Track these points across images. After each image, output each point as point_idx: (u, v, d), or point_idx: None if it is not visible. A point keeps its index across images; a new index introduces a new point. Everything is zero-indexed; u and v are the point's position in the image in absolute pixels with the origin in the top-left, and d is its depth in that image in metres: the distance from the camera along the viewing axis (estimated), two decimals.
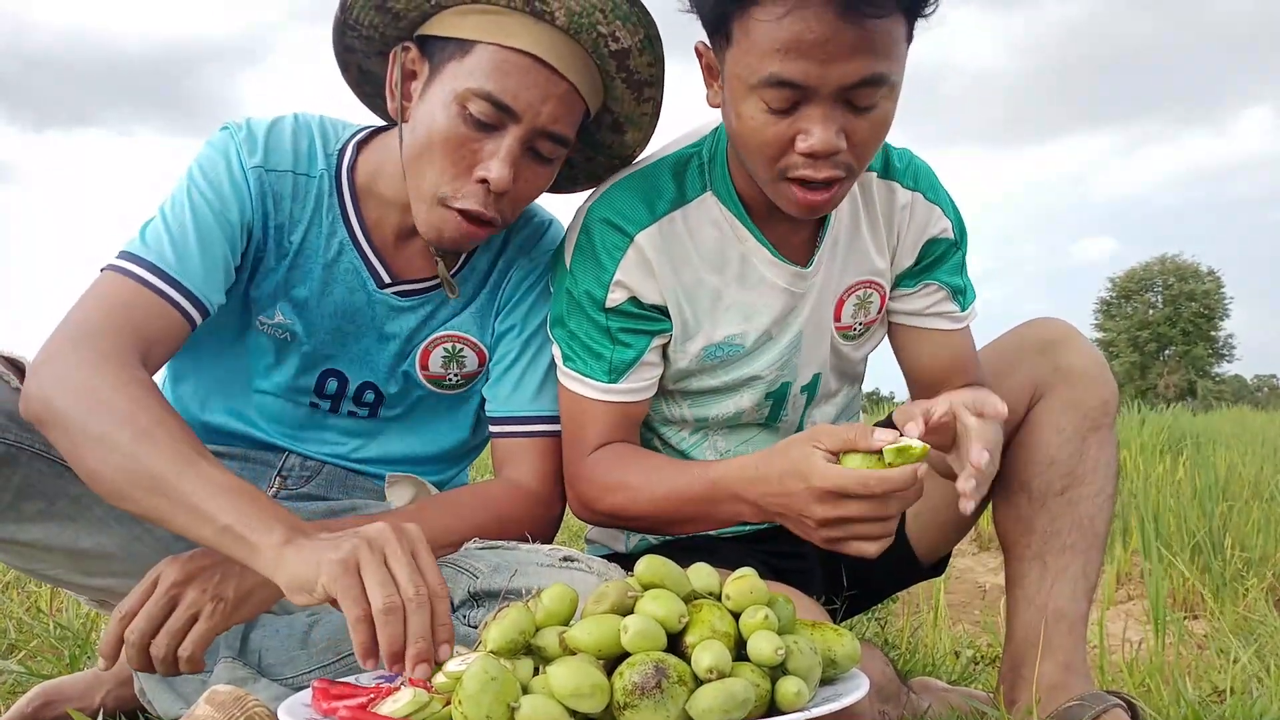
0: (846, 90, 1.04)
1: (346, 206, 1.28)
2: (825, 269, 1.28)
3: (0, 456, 1.07)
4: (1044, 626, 1.20)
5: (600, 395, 1.23)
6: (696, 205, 1.24)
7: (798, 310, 1.28)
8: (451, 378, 1.36)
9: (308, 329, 1.29)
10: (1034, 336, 1.32)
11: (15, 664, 1.46)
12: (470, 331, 1.34)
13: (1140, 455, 4.36)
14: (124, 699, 1.20)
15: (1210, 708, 1.30)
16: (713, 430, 1.35)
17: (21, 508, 1.10)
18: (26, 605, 1.89)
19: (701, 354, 1.27)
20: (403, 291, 1.31)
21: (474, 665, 0.76)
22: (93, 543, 1.16)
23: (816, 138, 1.05)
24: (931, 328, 1.32)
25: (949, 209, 1.32)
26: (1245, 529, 2.52)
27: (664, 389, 1.31)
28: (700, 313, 1.26)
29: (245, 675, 1.10)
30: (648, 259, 1.22)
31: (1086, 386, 1.25)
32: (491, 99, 1.13)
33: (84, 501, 1.13)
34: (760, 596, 0.87)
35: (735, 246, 1.25)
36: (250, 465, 1.35)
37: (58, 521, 1.13)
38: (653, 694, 0.76)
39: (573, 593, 0.88)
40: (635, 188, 1.25)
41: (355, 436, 1.38)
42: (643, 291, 1.22)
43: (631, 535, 1.39)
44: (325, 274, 1.28)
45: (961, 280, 1.33)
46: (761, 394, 1.31)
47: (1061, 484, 1.24)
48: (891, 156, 1.32)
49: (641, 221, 1.22)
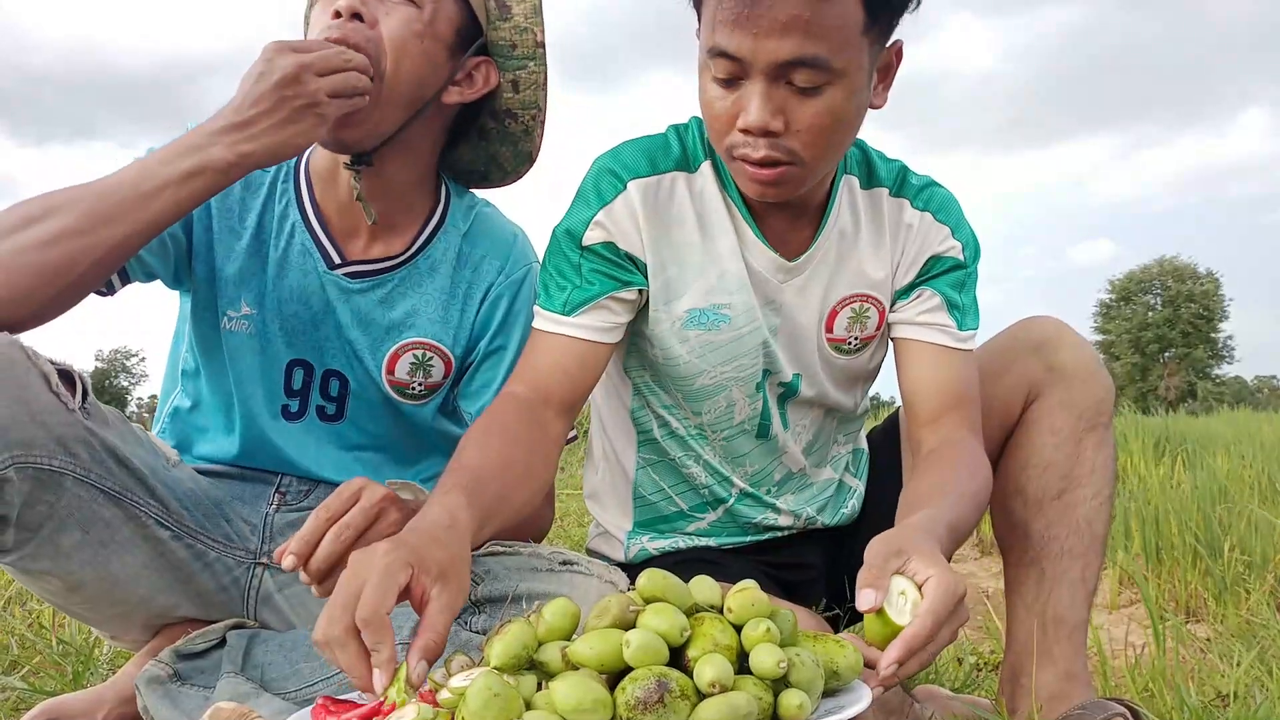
0: (781, 68, 1.05)
1: (301, 189, 1.31)
2: (815, 272, 1.28)
3: (45, 482, 1.06)
4: (1043, 633, 1.19)
5: (551, 327, 1.21)
6: (700, 175, 1.25)
7: (777, 304, 1.27)
8: (415, 386, 1.36)
9: (268, 317, 1.30)
10: (1026, 336, 1.30)
11: (18, 680, 1.45)
12: (442, 340, 1.35)
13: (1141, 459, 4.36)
14: (127, 716, 1.20)
15: (1213, 713, 1.30)
16: (709, 431, 1.34)
17: (60, 540, 1.10)
18: (29, 621, 1.88)
19: (686, 316, 1.25)
20: (354, 273, 1.31)
21: (477, 681, 0.76)
22: (119, 565, 1.17)
23: (750, 113, 1.07)
24: (925, 339, 1.27)
25: (962, 233, 1.30)
26: (1246, 532, 2.51)
27: (655, 377, 1.30)
28: (689, 274, 1.25)
29: (249, 690, 1.10)
30: (636, 209, 1.22)
31: (1081, 386, 1.24)
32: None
33: (114, 524, 1.14)
34: (762, 609, 0.87)
35: (729, 222, 1.25)
36: (249, 484, 1.36)
37: (91, 548, 1.14)
38: (655, 708, 0.76)
39: (574, 607, 0.89)
40: (643, 144, 1.26)
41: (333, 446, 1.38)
42: (621, 238, 1.22)
43: (630, 544, 1.39)
44: (281, 257, 1.30)
45: (961, 298, 1.28)
46: (751, 385, 1.30)
47: (1058, 487, 1.23)
48: (909, 178, 1.31)
49: (640, 171, 1.23)
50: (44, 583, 1.15)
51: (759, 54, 1.04)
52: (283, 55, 1.07)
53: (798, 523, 1.39)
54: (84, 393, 1.10)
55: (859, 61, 1.08)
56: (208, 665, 1.19)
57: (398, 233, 1.33)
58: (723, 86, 1.09)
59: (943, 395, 1.24)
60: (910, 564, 0.89)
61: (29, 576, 1.14)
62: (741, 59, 1.05)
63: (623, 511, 1.40)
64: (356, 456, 1.40)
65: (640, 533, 1.39)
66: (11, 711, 1.37)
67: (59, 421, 1.06)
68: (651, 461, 1.38)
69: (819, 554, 1.44)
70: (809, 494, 1.40)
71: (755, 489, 1.36)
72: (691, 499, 1.37)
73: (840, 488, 1.44)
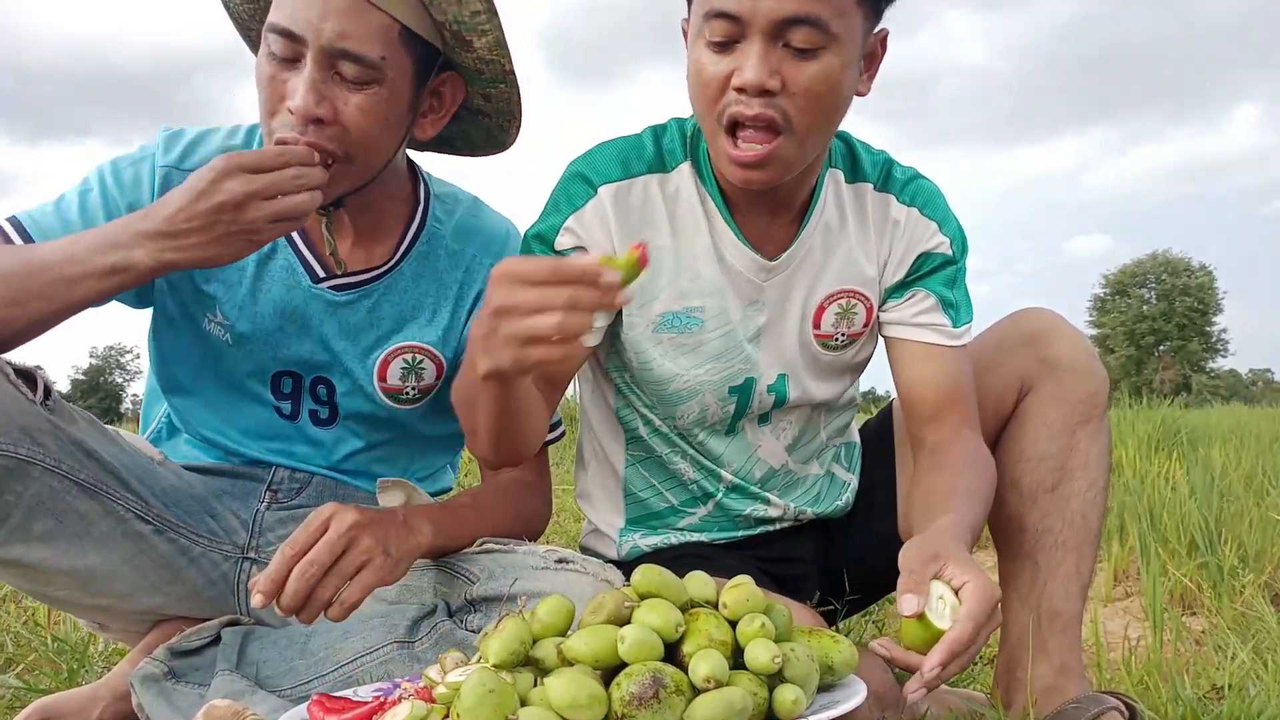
0: (780, 26, 1.05)
1: None
2: (800, 269, 1.27)
3: (12, 470, 1.07)
4: (1038, 627, 1.19)
5: None
6: (675, 176, 1.25)
7: (759, 303, 1.27)
8: (409, 391, 1.35)
9: (250, 329, 1.30)
10: (1020, 329, 1.30)
11: (13, 678, 1.45)
12: (432, 343, 1.34)
13: (1136, 452, 4.37)
14: (121, 714, 1.20)
15: (1208, 706, 1.30)
16: (685, 433, 1.33)
17: (30, 527, 1.11)
18: (24, 619, 1.88)
19: (658, 320, 1.25)
20: (338, 286, 1.31)
21: (471, 677, 0.76)
22: (99, 559, 1.17)
23: (747, 71, 1.07)
24: (921, 340, 1.27)
25: (949, 227, 1.30)
26: (1241, 525, 2.52)
27: (632, 378, 1.30)
28: (660, 278, 1.24)
29: (243, 688, 1.10)
30: (607, 214, 1.21)
31: (1074, 378, 1.23)
32: (276, 29, 1.12)
33: (90, 518, 1.14)
34: (757, 604, 0.87)
35: (705, 223, 1.24)
36: (240, 481, 1.36)
37: (64, 540, 1.14)
38: (650, 704, 0.76)
39: (569, 603, 0.89)
40: (615, 147, 1.25)
41: (328, 442, 1.38)
42: (592, 244, 1.21)
43: (623, 542, 1.39)
44: (259, 270, 1.29)
45: (954, 295, 1.28)
46: (724, 389, 1.29)
47: (1052, 480, 1.23)
48: (894, 171, 1.31)
49: (612, 176, 1.22)
50: (16, 573, 1.15)
51: (759, 10, 1.04)
52: (231, 178, 1.03)
53: (789, 514, 1.39)
54: (46, 391, 1.13)
55: (853, 32, 1.08)
56: (202, 663, 1.18)
57: (379, 240, 1.32)
58: (717, 51, 1.09)
59: (941, 392, 1.25)
60: (946, 569, 0.93)
61: (1, 567, 1.14)
62: (740, 16, 1.05)
63: (614, 509, 1.40)
64: (351, 459, 1.40)
65: (632, 530, 1.39)
66: (6, 709, 1.36)
67: (21, 411, 1.08)
68: (639, 459, 1.37)
69: (811, 548, 1.44)
70: (799, 489, 1.40)
71: (743, 481, 1.36)
72: (681, 494, 1.37)
73: (832, 481, 1.44)
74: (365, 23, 1.11)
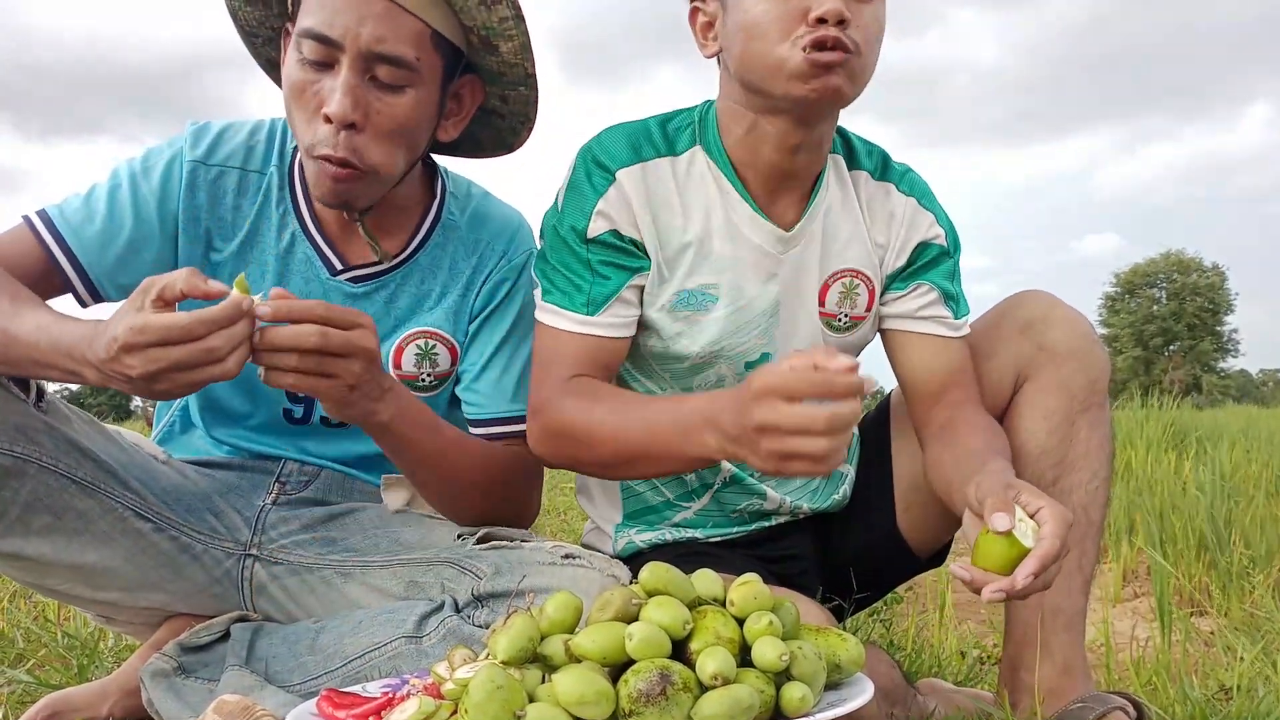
0: None
1: (298, 200, 1.30)
2: (810, 243, 1.27)
3: (8, 468, 1.09)
4: (1041, 624, 1.18)
5: (576, 327, 1.21)
6: (685, 159, 1.26)
7: (777, 277, 1.27)
8: (424, 377, 1.35)
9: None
10: (1016, 314, 1.28)
11: (23, 674, 1.46)
12: (443, 327, 1.35)
13: (1146, 452, 4.35)
14: (132, 709, 1.21)
15: (1216, 706, 1.30)
16: None
17: (29, 521, 1.12)
18: (34, 615, 1.89)
19: (674, 299, 1.25)
20: (355, 278, 1.31)
21: (479, 674, 0.76)
22: (98, 557, 1.18)
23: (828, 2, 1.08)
24: (925, 332, 1.28)
25: (942, 219, 1.32)
26: (1251, 525, 2.51)
27: (645, 357, 1.30)
28: (677, 259, 1.25)
29: (253, 683, 1.11)
30: (628, 196, 1.22)
31: (1073, 366, 1.21)
32: (313, 34, 1.12)
33: (90, 516, 1.15)
34: (764, 602, 0.87)
35: (719, 201, 1.25)
36: (249, 474, 1.36)
37: (64, 536, 1.15)
38: (658, 701, 0.76)
39: (577, 600, 0.89)
40: (624, 131, 1.26)
41: (340, 439, 1.38)
42: (623, 224, 1.22)
43: (618, 537, 1.39)
44: (280, 265, 1.30)
45: (954, 287, 1.30)
46: (740, 364, 1.29)
47: (1053, 474, 1.21)
48: (890, 163, 1.32)
49: (625, 160, 1.23)
50: (16, 566, 1.16)
51: None
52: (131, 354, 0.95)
53: (785, 509, 1.39)
54: (39, 393, 1.14)
55: None
56: (212, 658, 1.19)
57: (396, 232, 1.33)
58: None
59: (945, 376, 1.26)
60: (1021, 496, 0.96)
61: (1, 560, 1.15)
62: None
63: (612, 505, 1.40)
64: (362, 457, 1.40)
65: (628, 525, 1.39)
66: (17, 705, 1.37)
67: (15, 411, 1.10)
68: None
69: (809, 544, 1.43)
70: (796, 480, 1.39)
71: (742, 471, 1.36)
72: (677, 488, 1.37)
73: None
74: (400, 27, 1.13)
